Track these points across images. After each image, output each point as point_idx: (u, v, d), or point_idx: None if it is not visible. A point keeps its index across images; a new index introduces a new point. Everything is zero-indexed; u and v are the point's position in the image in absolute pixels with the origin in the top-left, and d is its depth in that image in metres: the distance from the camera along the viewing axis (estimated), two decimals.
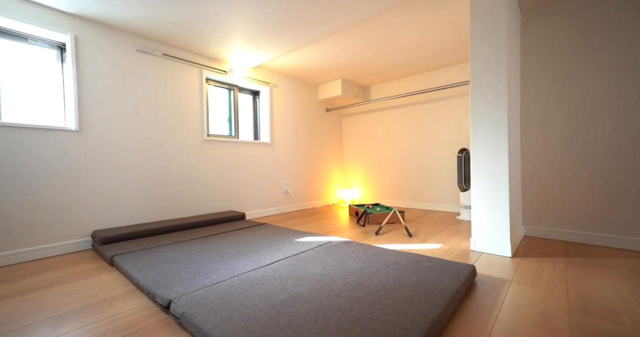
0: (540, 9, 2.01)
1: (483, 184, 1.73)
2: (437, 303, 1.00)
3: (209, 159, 2.69)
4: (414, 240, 2.03)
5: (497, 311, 1.07)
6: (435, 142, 3.29)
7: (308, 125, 3.71)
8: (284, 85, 3.37)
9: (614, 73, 1.77)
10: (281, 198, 3.33)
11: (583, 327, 0.94)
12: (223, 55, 2.65)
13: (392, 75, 3.43)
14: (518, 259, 1.60)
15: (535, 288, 1.24)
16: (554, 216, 1.99)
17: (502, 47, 1.63)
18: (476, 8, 1.71)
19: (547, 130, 2.01)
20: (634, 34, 1.70)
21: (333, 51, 2.69)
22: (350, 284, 1.16)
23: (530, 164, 2.08)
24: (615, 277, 1.33)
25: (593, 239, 1.84)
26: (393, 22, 2.16)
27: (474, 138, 1.76)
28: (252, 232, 2.13)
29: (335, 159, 4.15)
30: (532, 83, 2.06)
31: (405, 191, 3.55)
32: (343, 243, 1.78)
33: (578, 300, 1.12)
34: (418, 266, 1.36)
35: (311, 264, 1.41)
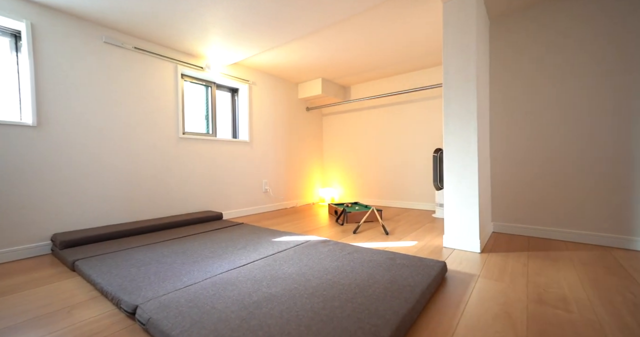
0: (506, 18, 2.12)
1: (454, 183, 1.80)
2: (407, 299, 1.03)
3: (185, 158, 2.60)
4: (390, 238, 2.08)
5: (464, 304, 1.11)
6: (412, 142, 3.38)
7: (288, 124, 3.68)
8: (263, 83, 3.32)
9: (573, 80, 1.90)
10: (260, 197, 3.29)
11: (538, 316, 1.01)
12: (200, 50, 2.56)
13: (372, 75, 3.48)
14: (486, 254, 1.68)
15: (500, 282, 1.31)
16: (519, 212, 2.11)
17: (471, 52, 1.70)
18: (448, 15, 1.77)
19: (515, 132, 2.12)
20: (591, 44, 1.83)
21: (313, 50, 2.69)
22: (324, 283, 1.17)
23: (499, 164, 2.19)
24: (569, 268, 1.43)
25: (553, 234, 1.97)
26: (371, 24, 2.19)
27: (446, 139, 1.83)
28: (229, 232, 2.09)
29: (316, 158, 4.15)
30: (500, 87, 2.17)
31: (384, 189, 3.62)
32: (320, 242, 1.78)
33: (535, 291, 1.20)
34: (392, 263, 1.40)
35: (287, 264, 1.40)
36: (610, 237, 1.78)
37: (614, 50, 1.76)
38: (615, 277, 1.31)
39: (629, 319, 0.97)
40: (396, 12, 2.03)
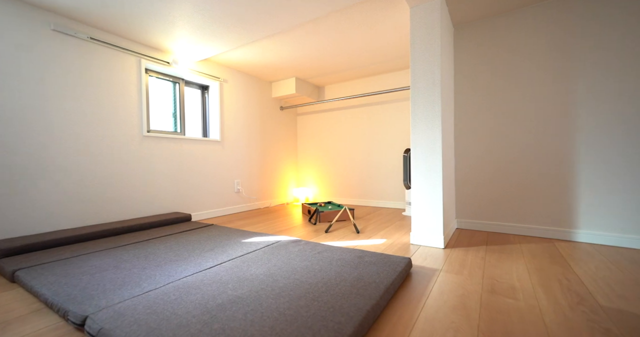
0: (469, 25, 2.25)
1: (421, 181, 1.88)
2: (372, 296, 1.06)
3: (151, 157, 2.47)
4: (361, 236, 2.13)
5: (425, 298, 1.17)
6: (384, 142, 3.48)
7: (261, 123, 3.63)
8: (235, 80, 3.25)
9: (525, 86, 2.06)
10: (232, 198, 3.21)
11: (490, 305, 1.09)
12: (166, 45, 2.44)
13: (345, 76, 3.53)
14: (449, 250, 1.78)
15: (459, 275, 1.39)
16: (480, 210, 2.26)
17: (436, 56, 1.78)
18: (415, 21, 1.85)
19: (476, 134, 2.26)
20: (539, 53, 2.00)
21: (286, 49, 2.67)
22: (292, 283, 1.17)
23: (463, 163, 2.32)
24: (519, 260, 1.56)
25: (509, 229, 2.13)
26: (343, 25, 2.22)
27: (413, 140, 1.90)
28: (197, 234, 2.01)
29: (290, 157, 4.13)
30: (463, 90, 2.30)
31: (357, 189, 3.70)
32: (291, 242, 1.78)
33: (489, 282, 1.29)
34: (360, 261, 1.43)
35: (255, 265, 1.39)
36: (555, 230, 1.96)
37: (558, 60, 1.94)
38: (556, 266, 1.45)
39: (563, 302, 1.08)
40: (367, 15, 2.08)
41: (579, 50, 1.88)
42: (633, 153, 1.74)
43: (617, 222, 1.79)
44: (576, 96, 1.89)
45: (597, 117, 1.84)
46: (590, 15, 1.84)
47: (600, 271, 1.37)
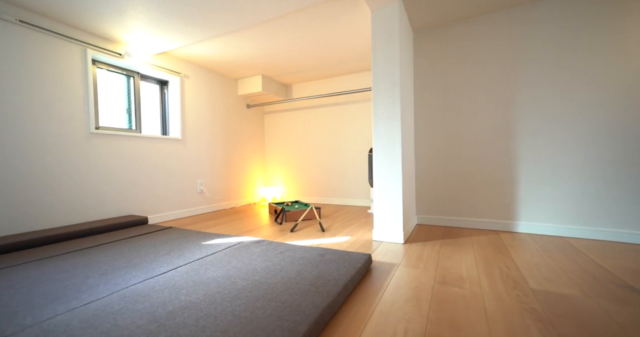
0: (427, 31, 2.38)
1: (382, 179, 1.95)
2: (330, 293, 1.08)
3: (100, 156, 2.27)
4: (326, 234, 2.15)
5: (382, 292, 1.22)
6: (350, 141, 3.55)
7: (227, 121, 3.51)
8: (198, 76, 3.10)
9: (475, 90, 2.23)
10: (195, 199, 3.07)
11: (440, 295, 1.16)
12: (117, 35, 2.26)
13: (312, 75, 3.54)
14: (408, 245, 1.87)
15: (415, 268, 1.47)
16: (438, 206, 2.40)
17: (395, 59, 1.86)
18: (375, 24, 1.91)
19: (434, 133, 2.40)
20: (486, 60, 2.18)
21: (250, 46, 2.61)
22: (251, 285, 1.15)
23: (422, 162, 2.45)
24: (469, 251, 1.69)
25: (463, 223, 2.30)
26: (308, 24, 2.22)
27: (375, 139, 1.97)
28: (153, 238, 1.90)
29: (257, 156, 4.05)
30: (422, 92, 2.43)
31: (324, 187, 3.73)
32: (254, 243, 1.75)
33: (441, 273, 1.38)
34: (321, 259, 1.45)
35: (214, 267, 1.34)
36: (500, 222, 2.15)
37: (502, 67, 2.13)
38: (499, 255, 1.59)
39: (501, 288, 1.19)
40: (330, 16, 2.10)
41: (519, 60, 2.07)
42: (561, 152, 1.96)
43: (549, 213, 2.01)
44: (517, 101, 2.09)
45: (533, 119, 2.04)
46: (527, 28, 2.04)
47: (533, 258, 1.53)
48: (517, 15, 2.07)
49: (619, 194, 1.82)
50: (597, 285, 1.20)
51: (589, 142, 1.89)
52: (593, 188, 1.89)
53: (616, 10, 1.80)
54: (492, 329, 0.91)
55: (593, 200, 1.89)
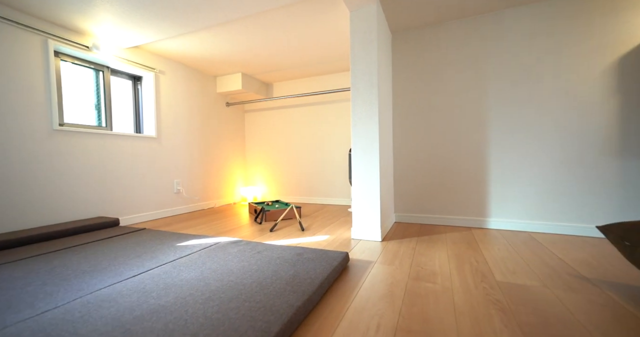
0: (405, 32, 2.44)
1: (360, 179, 1.98)
2: (305, 292, 1.08)
3: (65, 155, 2.14)
4: (305, 234, 2.16)
5: (358, 289, 1.24)
6: (331, 140, 3.57)
7: (206, 119, 3.43)
8: (174, 72, 3.00)
9: (450, 92, 2.31)
10: (171, 199, 2.97)
11: (413, 290, 1.20)
12: (84, 26, 2.13)
13: (293, 74, 3.53)
14: (386, 242, 1.91)
15: (391, 265, 1.50)
16: (415, 203, 2.47)
17: (373, 60, 1.89)
18: (354, 24, 1.93)
19: (412, 133, 2.46)
20: (458, 63, 2.26)
21: (228, 43, 2.56)
22: (225, 286, 1.13)
23: (400, 161, 2.51)
24: (443, 247, 1.75)
25: (439, 220, 2.38)
26: (285, 22, 2.21)
27: (353, 138, 1.99)
28: (124, 240, 1.82)
29: (237, 155, 3.98)
30: (401, 92, 2.48)
31: (305, 186, 3.73)
32: (231, 243, 1.72)
33: (415, 269, 1.42)
34: (299, 258, 1.45)
35: (188, 269, 1.31)
36: (473, 219, 2.25)
37: (474, 70, 2.22)
38: (470, 251, 1.66)
39: (470, 281, 1.25)
40: (309, 15, 2.10)
41: (489, 64, 2.17)
42: (526, 153, 2.08)
43: (516, 210, 2.13)
44: (487, 102, 2.19)
45: (502, 122, 2.15)
46: (495, 34, 2.14)
47: (500, 252, 1.62)
48: (486, 21, 2.17)
49: (576, 192, 1.96)
50: (554, 275, 1.29)
51: (550, 145, 2.02)
52: (554, 187, 2.02)
53: (567, 21, 1.93)
54: (459, 321, 0.96)
55: (554, 198, 2.02)
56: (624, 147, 1.85)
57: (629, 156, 1.84)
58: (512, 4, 2.04)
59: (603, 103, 1.89)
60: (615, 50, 1.85)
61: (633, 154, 1.83)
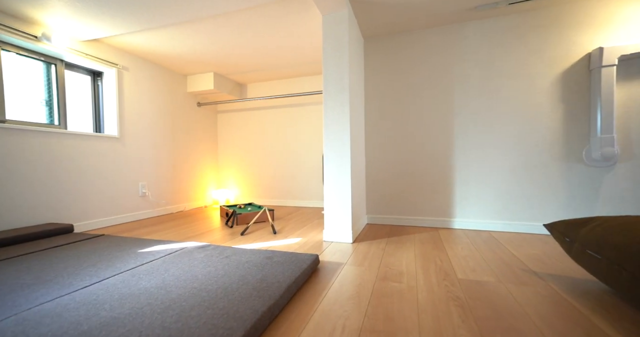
0: (377, 38, 2.51)
1: (332, 181, 2.00)
2: (271, 296, 1.06)
3: (6, 155, 1.94)
4: (277, 237, 2.13)
5: (326, 291, 1.24)
6: (306, 143, 3.57)
7: (175, 119, 3.28)
8: (139, 69, 2.84)
9: (420, 98, 2.41)
10: (136, 203, 2.80)
11: (380, 290, 1.23)
12: (33, 15, 1.96)
13: (267, 75, 3.49)
14: (357, 244, 1.93)
15: (360, 266, 1.52)
16: (387, 205, 2.53)
17: (345, 64, 1.92)
18: (326, 28, 1.95)
19: (383, 136, 2.53)
20: (426, 70, 2.37)
21: (199, 41, 2.48)
22: (188, 293, 1.08)
23: (372, 164, 2.56)
24: (411, 248, 1.81)
25: (408, 222, 2.46)
26: (259, 23, 2.18)
27: (325, 141, 2.01)
28: (77, 248, 1.68)
29: (209, 157, 3.85)
30: (373, 97, 2.55)
31: (279, 189, 3.70)
32: (198, 248, 1.65)
33: (383, 270, 1.45)
34: (268, 262, 1.42)
35: (148, 277, 1.23)
36: (440, 220, 2.36)
37: (441, 77, 2.34)
38: (436, 250, 1.74)
39: (433, 280, 1.30)
40: (284, 17, 2.09)
41: (454, 72, 2.30)
42: (487, 157, 2.22)
43: (478, 211, 2.26)
44: (452, 109, 2.31)
45: (466, 127, 2.28)
46: (460, 43, 2.28)
47: (463, 251, 1.71)
48: (452, 31, 2.29)
49: (529, 193, 2.13)
50: (508, 271, 1.38)
51: (506, 150, 2.17)
52: (510, 189, 2.17)
53: (521, 36, 2.11)
54: (421, 318, 0.99)
55: (511, 199, 2.17)
56: (568, 151, 2.04)
57: (572, 160, 2.03)
58: (474, 17, 2.18)
59: (551, 112, 2.07)
60: (561, 65, 2.04)
61: (575, 158, 2.02)
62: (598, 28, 1.95)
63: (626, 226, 0.97)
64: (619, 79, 1.93)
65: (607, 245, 0.97)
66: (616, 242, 0.93)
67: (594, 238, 1.04)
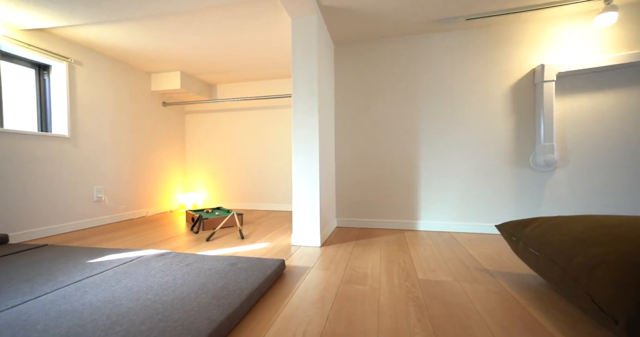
0: (347, 44, 2.56)
1: (301, 184, 1.99)
2: (231, 304, 1.03)
3: None
4: (245, 242, 2.07)
5: (290, 296, 1.22)
6: (278, 145, 3.54)
7: (137, 119, 3.09)
8: (95, 64, 2.64)
9: (387, 104, 2.49)
10: (89, 208, 2.58)
11: (344, 294, 1.24)
12: None
13: (238, 77, 3.42)
14: (325, 247, 1.94)
15: (327, 270, 1.53)
16: (356, 208, 2.57)
17: (314, 68, 1.94)
18: (295, 32, 1.96)
19: (352, 141, 2.58)
20: (402, 75, 2.47)
21: (165, 38, 2.36)
22: (139, 306, 1.01)
23: (342, 167, 2.60)
24: (377, 250, 1.85)
25: (377, 224, 2.52)
26: (227, 23, 2.14)
27: (294, 144, 2.00)
28: (12, 261, 1.50)
29: (176, 159, 3.67)
30: (342, 101, 2.59)
31: (250, 193, 3.62)
32: (157, 256, 1.56)
33: (349, 273, 1.47)
34: (232, 268, 1.38)
35: (95, 290, 1.13)
36: (406, 222, 2.44)
37: (406, 84, 2.44)
38: (400, 252, 1.80)
39: (396, 281, 1.34)
40: (254, 18, 2.07)
41: (419, 80, 2.42)
42: (450, 160, 2.35)
43: (441, 212, 2.38)
44: (418, 115, 2.42)
45: (429, 133, 2.40)
46: (426, 53, 2.40)
47: (425, 252, 1.78)
48: (418, 41, 2.41)
49: (486, 196, 2.28)
50: (464, 270, 1.46)
51: (466, 155, 2.32)
52: (470, 192, 2.31)
53: (479, 49, 2.28)
54: (380, 320, 1.01)
55: (470, 201, 2.32)
56: (518, 157, 2.22)
57: (522, 165, 2.22)
58: (438, 30, 2.31)
59: (504, 121, 2.25)
60: (511, 78, 2.23)
61: (524, 164, 2.21)
62: (541, 47, 2.16)
63: (560, 225, 1.08)
64: (557, 93, 2.15)
65: (545, 243, 1.07)
66: (551, 240, 1.03)
67: (534, 237, 1.14)
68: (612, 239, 0.83)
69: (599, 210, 2.09)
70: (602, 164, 2.08)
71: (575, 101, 2.12)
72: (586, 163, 2.10)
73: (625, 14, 2.02)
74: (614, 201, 2.06)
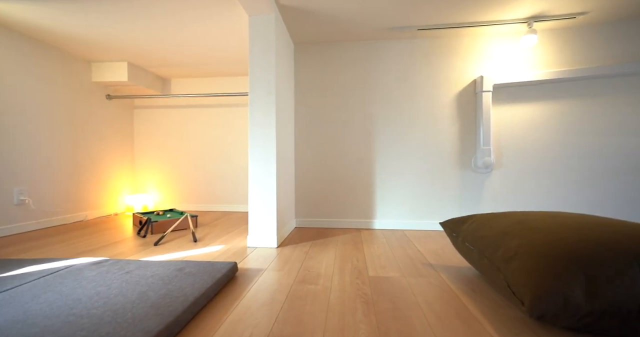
0: (307, 45, 2.58)
1: (257, 184, 1.95)
2: (172, 312, 0.97)
3: None
4: (198, 245, 1.97)
5: (240, 300, 1.19)
6: (235, 145, 3.43)
7: (74, 112, 2.76)
8: (17, 47, 2.31)
9: (350, 104, 2.56)
10: (8, 213, 2.24)
11: (295, 294, 1.23)
12: None
13: (193, 72, 3.24)
14: (281, 248, 1.92)
15: (280, 271, 1.51)
16: (314, 208, 2.59)
17: (271, 68, 1.91)
18: (253, 30, 1.92)
19: (311, 141, 2.59)
20: (360, 80, 2.54)
21: (109, 24, 2.15)
22: (59, 323, 0.90)
23: (301, 167, 2.60)
24: (332, 250, 1.89)
25: (335, 224, 2.56)
26: (180, 14, 2.01)
27: (251, 144, 1.95)
28: None
29: (123, 157, 3.36)
30: (302, 102, 2.60)
31: (207, 193, 3.45)
32: (91, 265, 1.41)
33: (302, 273, 1.47)
34: (178, 274, 1.30)
35: (3, 309, 0.98)
36: (363, 221, 2.52)
37: (366, 86, 2.53)
38: (355, 251, 1.85)
39: (347, 279, 1.38)
40: (209, 11, 1.98)
41: (375, 83, 2.52)
42: (403, 161, 2.49)
43: (394, 211, 2.50)
44: (374, 117, 2.52)
45: (384, 133, 2.51)
46: (383, 58, 2.51)
47: (378, 250, 1.86)
48: (375, 47, 2.51)
49: (434, 195, 2.46)
50: (411, 266, 1.55)
51: (418, 157, 2.47)
52: (420, 191, 2.47)
53: (427, 58, 2.45)
54: (328, 318, 1.03)
55: (420, 200, 2.47)
56: (461, 159, 2.43)
57: (465, 167, 2.43)
58: (393, 37, 2.43)
59: (450, 125, 2.44)
60: (457, 86, 2.43)
61: (467, 165, 2.43)
62: (481, 59, 2.40)
63: (490, 222, 1.20)
64: (494, 102, 2.40)
65: (477, 237, 1.18)
66: (482, 234, 1.14)
67: (470, 232, 1.26)
68: (527, 233, 0.95)
69: (528, 206, 2.38)
70: (530, 166, 2.36)
71: (509, 110, 2.38)
72: (517, 165, 2.38)
73: (545, 37, 2.33)
74: (540, 198, 2.36)
